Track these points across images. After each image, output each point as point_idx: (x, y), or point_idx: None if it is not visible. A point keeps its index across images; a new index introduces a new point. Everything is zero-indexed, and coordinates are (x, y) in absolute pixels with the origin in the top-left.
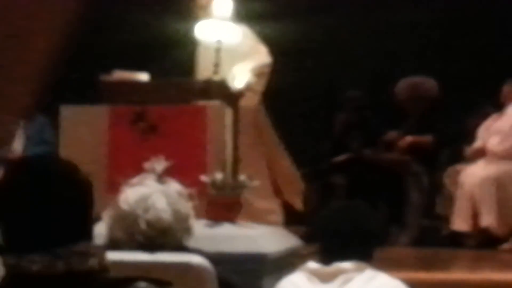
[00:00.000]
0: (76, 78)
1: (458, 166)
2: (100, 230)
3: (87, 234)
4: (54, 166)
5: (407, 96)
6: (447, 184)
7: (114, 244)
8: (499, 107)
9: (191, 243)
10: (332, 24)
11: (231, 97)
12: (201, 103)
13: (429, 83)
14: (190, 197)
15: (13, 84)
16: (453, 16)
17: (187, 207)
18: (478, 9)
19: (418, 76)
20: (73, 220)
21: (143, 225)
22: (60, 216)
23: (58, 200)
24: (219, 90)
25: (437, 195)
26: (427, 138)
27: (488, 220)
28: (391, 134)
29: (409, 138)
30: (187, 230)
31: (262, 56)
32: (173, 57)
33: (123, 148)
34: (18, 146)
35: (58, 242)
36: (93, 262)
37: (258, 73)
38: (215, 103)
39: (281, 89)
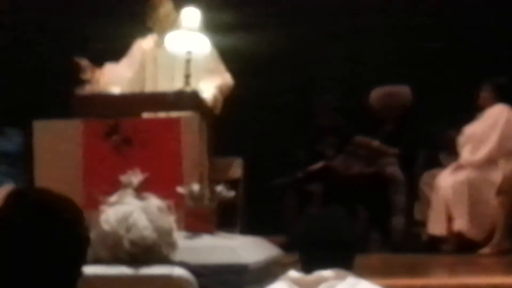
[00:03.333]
0: (48, 92)
1: (434, 171)
2: None
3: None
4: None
5: (381, 105)
6: (423, 189)
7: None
8: (477, 112)
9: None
10: (302, 31)
11: (205, 108)
12: (174, 114)
13: (403, 91)
14: (170, 209)
15: None
16: (427, 20)
17: (168, 221)
18: (452, 12)
19: (392, 84)
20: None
21: (126, 245)
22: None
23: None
24: (191, 101)
25: (415, 201)
26: (393, 151)
27: (460, 223)
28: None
29: (375, 143)
30: (171, 245)
31: (226, 77)
32: None
33: (98, 161)
34: None
35: None
36: None
37: (222, 92)
38: (188, 114)
39: (254, 97)
